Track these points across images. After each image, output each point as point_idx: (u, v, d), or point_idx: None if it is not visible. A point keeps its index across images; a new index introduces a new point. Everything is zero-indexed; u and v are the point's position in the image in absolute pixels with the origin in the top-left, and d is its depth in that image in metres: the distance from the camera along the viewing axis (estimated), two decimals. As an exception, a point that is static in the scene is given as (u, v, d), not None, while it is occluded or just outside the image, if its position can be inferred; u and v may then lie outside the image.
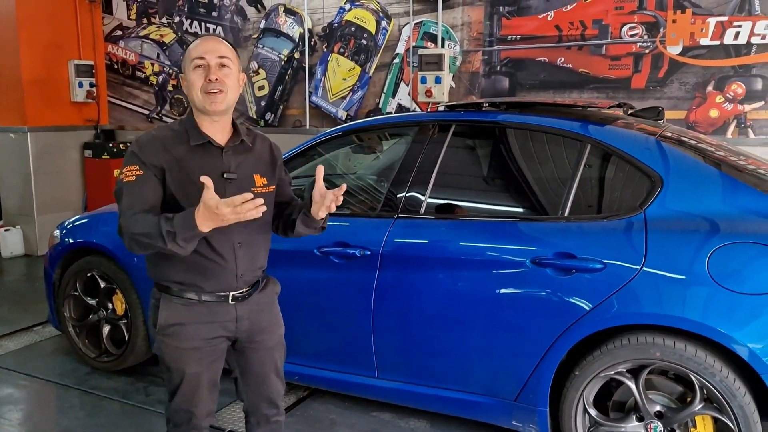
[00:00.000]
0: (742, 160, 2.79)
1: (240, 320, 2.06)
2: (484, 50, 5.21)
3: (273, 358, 2.19)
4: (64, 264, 3.86)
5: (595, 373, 2.48)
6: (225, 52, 1.97)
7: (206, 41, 1.98)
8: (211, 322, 2.03)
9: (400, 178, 3.01)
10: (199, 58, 1.94)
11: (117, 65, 7.07)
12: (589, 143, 2.69)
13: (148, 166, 1.92)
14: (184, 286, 2.01)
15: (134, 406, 3.37)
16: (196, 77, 1.94)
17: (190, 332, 2.01)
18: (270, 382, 2.20)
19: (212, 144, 1.99)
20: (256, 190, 2.02)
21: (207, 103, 1.93)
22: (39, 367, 3.85)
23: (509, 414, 2.73)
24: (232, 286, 2.03)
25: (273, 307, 2.20)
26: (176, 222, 1.79)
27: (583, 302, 2.48)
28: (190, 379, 2.05)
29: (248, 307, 2.08)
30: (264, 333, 2.14)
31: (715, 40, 4.43)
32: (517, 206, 2.90)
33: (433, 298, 2.78)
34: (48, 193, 6.64)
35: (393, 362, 2.93)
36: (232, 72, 1.97)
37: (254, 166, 2.06)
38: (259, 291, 2.13)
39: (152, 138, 1.99)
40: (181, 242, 1.80)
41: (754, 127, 4.41)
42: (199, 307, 2.02)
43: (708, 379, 2.29)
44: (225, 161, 1.99)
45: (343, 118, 5.83)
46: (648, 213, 2.49)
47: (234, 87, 1.98)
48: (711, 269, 2.30)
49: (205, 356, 2.05)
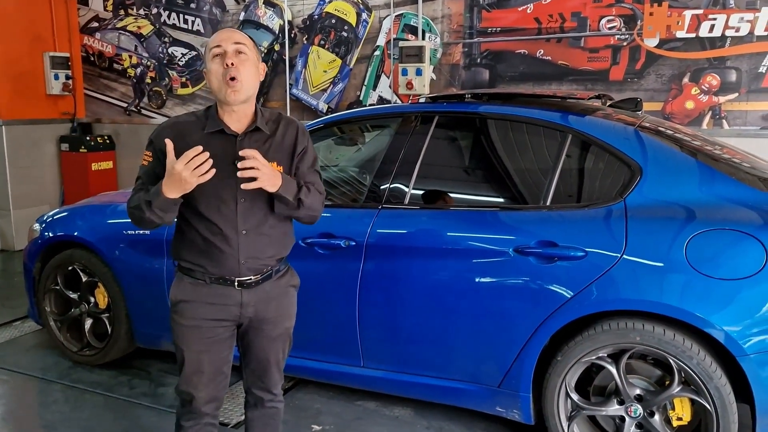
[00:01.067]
0: (718, 150, 2.86)
1: (245, 306, 2.09)
2: (464, 42, 5.24)
3: (275, 349, 2.20)
4: (44, 258, 3.83)
5: (576, 359, 2.53)
6: (240, 39, 2.02)
7: (222, 31, 2.06)
8: (213, 304, 2.07)
9: (384, 169, 3.03)
10: (216, 47, 1.99)
11: (93, 57, 6.98)
12: (570, 133, 2.74)
13: (158, 154, 2.02)
14: (194, 266, 2.08)
15: (118, 400, 3.36)
16: (216, 66, 1.99)
17: (193, 310, 2.07)
18: (268, 372, 2.23)
19: (226, 132, 2.02)
20: None
21: (227, 93, 1.97)
22: (20, 362, 3.81)
23: (493, 400, 2.78)
24: (234, 272, 2.06)
25: (285, 299, 2.20)
26: (152, 191, 1.94)
27: (565, 289, 2.53)
28: (190, 357, 2.10)
29: (256, 295, 2.10)
30: (269, 323, 2.16)
31: (690, 32, 4.51)
32: (499, 196, 2.95)
33: (417, 287, 2.81)
34: (24, 187, 6.55)
35: (378, 351, 2.96)
36: (249, 59, 2.01)
37: (272, 154, 2.06)
38: (272, 281, 2.14)
39: (172, 124, 2.09)
40: (156, 210, 1.93)
41: (729, 118, 4.50)
42: (205, 288, 2.08)
43: (686, 363, 2.36)
44: (239, 149, 2.00)
45: (324, 110, 5.83)
46: (628, 201, 2.54)
47: (252, 74, 2.02)
48: (689, 255, 2.36)
49: (205, 336, 2.08)
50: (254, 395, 2.29)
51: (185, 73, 6.44)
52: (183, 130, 2.05)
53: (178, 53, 6.43)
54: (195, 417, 2.18)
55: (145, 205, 1.96)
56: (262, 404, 2.29)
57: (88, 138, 6.76)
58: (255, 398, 2.29)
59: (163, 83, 6.58)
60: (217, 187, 2.00)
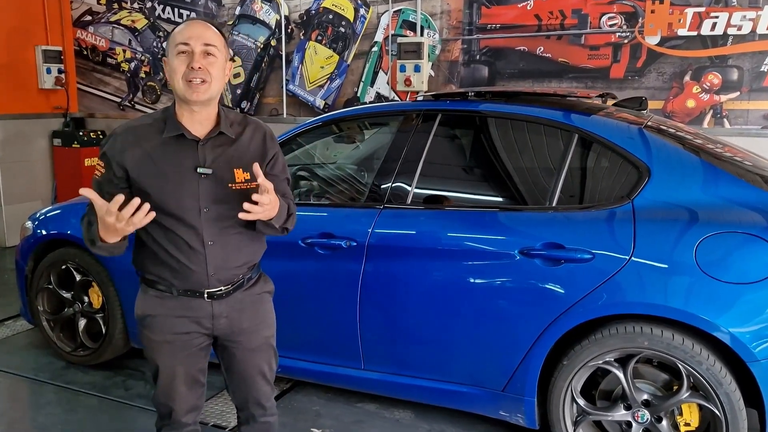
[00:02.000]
0: (722, 149, 2.81)
1: (217, 318, 1.97)
2: (463, 39, 5.18)
3: (257, 361, 2.07)
4: (36, 256, 3.76)
5: (583, 363, 2.49)
6: (211, 39, 1.86)
7: (192, 26, 1.87)
8: (183, 317, 1.95)
9: (386, 168, 2.97)
10: (183, 44, 1.83)
11: (87, 51, 6.88)
12: (577, 133, 2.69)
13: (112, 165, 1.88)
14: (158, 278, 1.95)
15: (113, 401, 3.29)
16: (179, 63, 1.84)
17: (161, 324, 1.96)
18: (254, 384, 2.10)
19: (186, 137, 1.88)
20: (234, 186, 1.90)
21: (188, 92, 1.83)
22: (12, 362, 3.74)
23: (496, 404, 2.73)
24: (204, 284, 1.93)
25: (259, 306, 2.08)
26: (92, 231, 1.80)
27: (572, 292, 2.48)
28: (165, 371, 2.00)
29: (227, 306, 1.98)
30: (244, 333, 2.03)
31: (692, 30, 4.47)
32: (504, 196, 2.89)
33: (420, 288, 2.76)
34: (15, 183, 6.45)
35: (380, 353, 2.91)
36: (218, 61, 1.86)
37: (236, 159, 1.92)
38: (243, 289, 2.02)
39: (127, 129, 1.92)
40: (101, 250, 1.81)
41: (730, 117, 4.47)
42: (172, 300, 1.95)
43: (695, 368, 2.32)
44: (200, 155, 1.88)
45: (320, 106, 5.76)
46: (636, 203, 2.49)
47: (219, 77, 1.87)
48: (698, 259, 2.32)
49: (178, 350, 1.98)
50: (246, 411, 2.16)
51: (180, 68, 6.34)
52: (139, 135, 1.89)
53: (172, 48, 6.34)
54: (176, 428, 2.08)
55: (88, 242, 1.83)
56: (254, 420, 2.16)
57: (81, 133, 6.66)
58: (247, 414, 2.17)
59: (157, 78, 6.49)
60: (179, 197, 1.86)
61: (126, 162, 1.87)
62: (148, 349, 2.02)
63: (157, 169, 1.86)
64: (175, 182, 1.86)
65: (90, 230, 1.82)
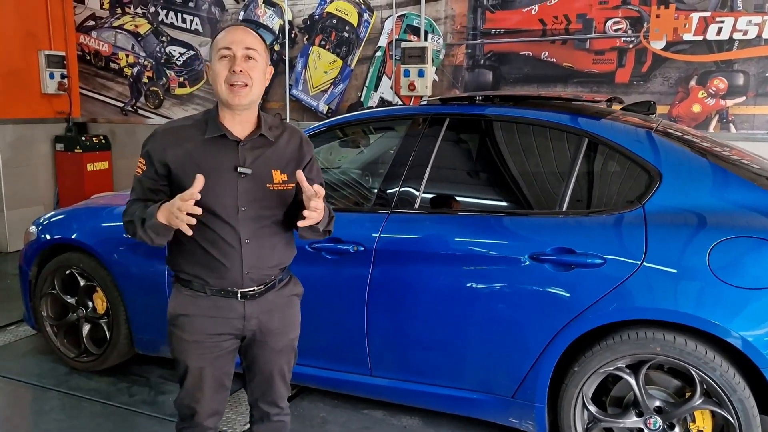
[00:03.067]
0: (732, 153, 2.80)
1: (248, 318, 2.00)
2: (467, 43, 5.17)
3: (279, 362, 2.12)
4: (40, 261, 3.73)
5: (594, 369, 2.47)
6: (253, 44, 1.91)
7: (234, 31, 1.93)
8: (215, 317, 1.98)
9: (394, 172, 2.96)
10: (225, 48, 1.89)
11: (89, 56, 6.87)
12: (586, 137, 2.67)
13: (153, 162, 1.93)
14: (192, 277, 1.99)
15: (117, 407, 3.26)
16: (221, 68, 1.89)
17: (193, 324, 1.98)
18: (273, 385, 2.14)
19: (228, 137, 1.93)
20: (272, 187, 1.97)
21: (230, 96, 1.89)
22: (15, 368, 3.71)
23: (506, 411, 2.70)
24: (238, 283, 1.97)
25: (289, 309, 2.12)
26: (149, 210, 1.85)
27: (583, 298, 2.46)
28: (193, 373, 2.01)
29: (259, 306, 2.01)
30: (273, 335, 2.07)
31: (698, 35, 4.46)
32: (513, 201, 2.87)
33: (428, 294, 2.74)
34: (17, 187, 6.43)
35: (387, 359, 2.89)
36: (259, 65, 1.92)
37: (274, 161, 1.99)
38: (275, 291, 2.06)
39: (167, 130, 1.98)
40: (149, 231, 1.85)
41: (736, 122, 4.46)
42: (205, 300, 1.98)
43: (708, 374, 2.29)
44: (240, 155, 1.93)
45: (324, 111, 5.75)
46: (647, 208, 2.47)
47: (260, 80, 1.93)
48: (711, 264, 2.30)
49: (208, 351, 2.00)
50: (260, 410, 2.20)
51: (183, 73, 6.34)
52: (180, 135, 1.95)
53: (176, 53, 6.33)
54: (197, 431, 2.10)
55: (138, 222, 1.88)
56: (268, 419, 2.20)
57: (84, 138, 6.65)
58: (261, 413, 2.20)
59: (160, 83, 6.48)
60: (219, 195, 1.91)
61: (168, 159, 1.92)
62: (177, 350, 2.03)
63: (198, 167, 1.89)
64: (215, 180, 1.90)
65: (144, 208, 1.88)
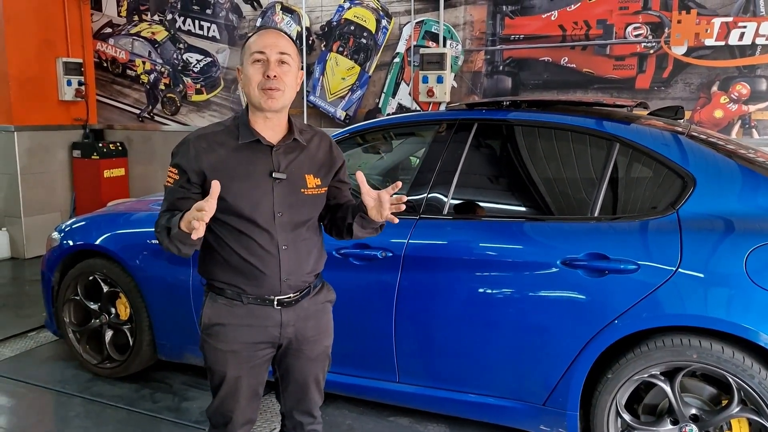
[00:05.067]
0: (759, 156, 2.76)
1: (285, 326, 1.97)
2: (486, 50, 5.16)
3: (314, 370, 2.09)
4: (63, 267, 3.73)
5: (628, 377, 2.44)
6: (286, 48, 1.88)
7: (267, 35, 1.90)
8: (252, 326, 1.95)
9: (422, 178, 2.94)
10: (258, 53, 1.86)
11: (106, 63, 6.90)
12: (618, 142, 2.65)
13: (186, 171, 1.90)
14: (228, 285, 1.95)
15: (142, 414, 3.25)
16: (254, 72, 1.87)
17: (230, 334, 1.95)
18: (308, 393, 2.11)
19: (261, 142, 1.91)
20: (306, 192, 1.95)
21: (263, 100, 1.86)
22: (38, 375, 3.71)
23: (537, 418, 2.68)
24: (276, 290, 1.94)
25: (323, 315, 2.09)
26: (174, 218, 1.80)
27: (617, 304, 2.43)
28: (229, 382, 1.99)
29: (295, 314, 1.99)
30: (309, 342, 2.04)
31: (719, 40, 4.43)
32: (544, 206, 2.84)
33: (458, 300, 2.72)
34: (35, 194, 6.46)
35: (416, 366, 2.86)
36: (292, 69, 1.90)
37: (307, 165, 1.97)
38: (309, 297, 2.03)
39: (198, 137, 1.94)
40: (175, 241, 1.79)
41: (759, 128, 4.42)
42: (242, 308, 1.95)
43: (747, 381, 2.26)
44: (274, 160, 1.91)
45: (341, 117, 5.75)
46: (681, 213, 2.45)
47: (292, 85, 1.91)
48: (749, 269, 2.27)
49: (245, 361, 1.97)
50: (293, 420, 2.16)
51: (200, 80, 6.36)
52: (213, 141, 1.92)
53: (193, 59, 6.36)
54: None
55: (164, 232, 1.83)
56: (301, 428, 2.16)
57: (101, 144, 6.68)
58: (294, 423, 2.16)
59: (177, 89, 6.50)
60: (255, 201, 1.89)
61: (203, 166, 1.89)
62: (212, 360, 2.00)
63: (233, 173, 1.88)
64: (251, 186, 1.88)
65: (171, 218, 1.82)
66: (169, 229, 1.81)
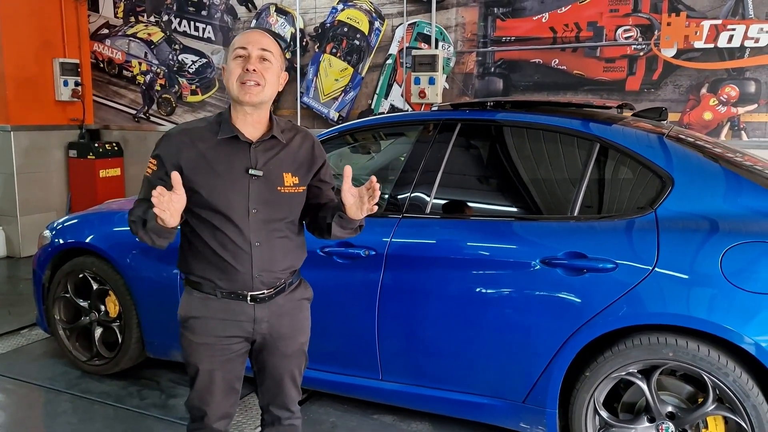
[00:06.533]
0: (745, 159, 2.79)
1: (258, 322, 2.00)
2: (478, 51, 5.19)
3: (290, 367, 2.12)
4: (54, 265, 3.76)
5: (606, 374, 2.46)
6: (268, 46, 1.93)
7: (251, 33, 1.96)
8: (225, 320, 1.99)
9: (405, 177, 2.97)
10: (241, 48, 1.91)
11: (103, 64, 6.94)
12: (598, 143, 2.68)
13: (165, 164, 1.94)
14: (203, 280, 1.99)
15: (129, 411, 3.28)
16: (235, 66, 1.91)
17: (204, 326, 1.99)
18: (284, 389, 2.14)
19: (240, 139, 1.94)
20: (283, 190, 1.97)
21: (241, 93, 1.89)
22: (27, 371, 3.74)
23: (517, 416, 2.70)
24: (248, 285, 1.97)
25: (299, 313, 2.12)
26: (152, 211, 1.82)
27: (595, 302, 2.46)
28: (203, 375, 2.03)
29: (269, 310, 2.01)
30: (283, 339, 2.07)
31: (709, 43, 4.46)
32: (525, 206, 2.87)
33: (440, 298, 2.75)
34: (31, 193, 6.49)
35: (398, 364, 2.89)
36: (273, 67, 1.93)
37: (286, 164, 1.99)
38: (285, 294, 2.06)
39: (181, 131, 1.99)
40: (150, 233, 1.86)
41: (747, 130, 4.44)
42: (216, 302, 1.99)
43: (721, 379, 2.28)
44: (252, 157, 1.94)
45: (334, 118, 5.78)
46: (659, 213, 2.47)
47: (272, 83, 1.94)
48: (724, 269, 2.29)
49: (218, 353, 2.00)
50: (271, 414, 2.20)
51: (195, 81, 6.40)
52: (194, 136, 1.96)
53: (188, 60, 6.39)
54: None
55: (139, 223, 1.88)
56: (279, 422, 2.20)
57: (96, 145, 6.71)
58: (272, 417, 2.20)
59: (172, 90, 6.54)
60: (230, 197, 1.92)
61: (181, 161, 1.93)
62: (187, 352, 2.04)
63: (210, 168, 1.92)
64: (227, 182, 1.92)
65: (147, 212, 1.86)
66: (144, 221, 1.86)
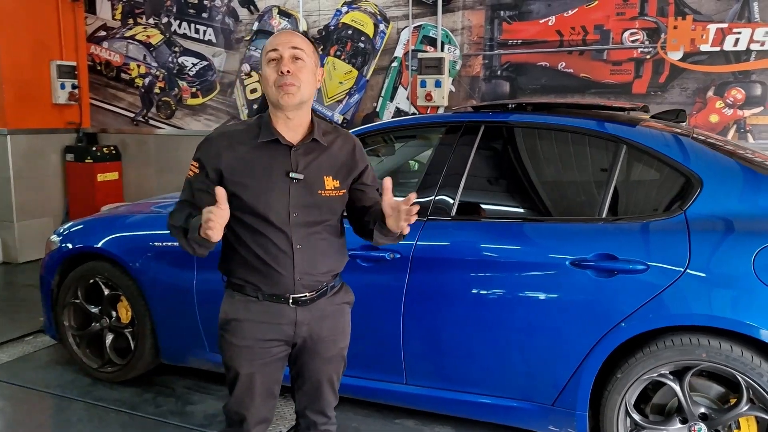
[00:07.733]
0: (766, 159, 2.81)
1: (299, 325, 1.98)
2: (484, 54, 5.20)
3: (329, 371, 2.09)
4: (62, 271, 3.70)
5: (637, 376, 2.45)
6: (299, 44, 1.89)
7: (280, 34, 1.93)
8: (266, 323, 1.96)
9: (429, 179, 2.95)
10: (272, 50, 1.88)
11: (100, 66, 6.86)
12: (624, 144, 2.68)
13: (206, 167, 1.93)
14: (245, 282, 1.97)
15: (144, 418, 3.23)
16: (270, 71, 1.88)
17: (244, 329, 1.96)
18: (322, 393, 2.11)
19: (280, 142, 1.92)
20: (323, 193, 1.95)
21: (279, 96, 1.87)
22: (38, 379, 3.67)
23: (546, 419, 2.69)
24: (290, 288, 1.94)
25: (340, 317, 2.10)
26: (193, 221, 1.82)
27: (626, 304, 2.45)
28: (242, 379, 2.00)
29: (310, 313, 1.99)
30: (323, 342, 2.04)
31: (715, 46, 4.50)
32: (552, 207, 2.86)
33: (467, 301, 2.72)
34: (28, 198, 6.39)
35: (423, 368, 2.87)
36: (307, 65, 1.90)
37: (326, 167, 1.97)
38: (326, 298, 2.04)
39: (222, 134, 1.97)
40: (192, 242, 1.84)
41: (754, 132, 4.48)
42: (257, 305, 1.97)
43: (755, 380, 2.28)
44: (293, 160, 1.92)
45: (339, 122, 5.75)
46: (689, 214, 2.48)
47: (308, 81, 1.90)
48: (757, 269, 2.29)
49: (258, 357, 1.98)
50: (307, 419, 2.17)
51: (196, 83, 6.34)
52: (234, 140, 1.94)
53: (188, 63, 6.34)
54: None
55: (181, 232, 1.86)
56: (315, 427, 2.17)
57: (94, 148, 6.63)
58: (308, 422, 2.17)
59: (172, 93, 6.47)
60: (270, 200, 1.90)
61: (221, 165, 1.91)
62: (227, 355, 2.01)
63: (251, 171, 1.89)
64: (267, 185, 1.89)
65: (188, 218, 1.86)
66: (186, 230, 1.83)
